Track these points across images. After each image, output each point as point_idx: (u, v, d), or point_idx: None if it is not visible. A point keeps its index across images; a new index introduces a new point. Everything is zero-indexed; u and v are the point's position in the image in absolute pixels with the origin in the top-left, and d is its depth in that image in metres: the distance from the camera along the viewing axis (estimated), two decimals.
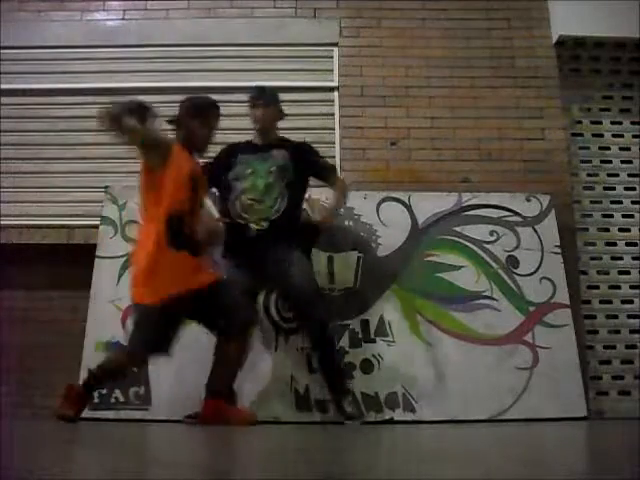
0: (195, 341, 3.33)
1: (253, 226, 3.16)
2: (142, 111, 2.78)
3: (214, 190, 3.37)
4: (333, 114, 4.25)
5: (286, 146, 3.34)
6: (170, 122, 3.03)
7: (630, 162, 4.29)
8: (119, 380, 3.08)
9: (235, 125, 4.18)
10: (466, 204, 3.80)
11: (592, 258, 4.14)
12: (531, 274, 3.66)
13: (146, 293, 2.78)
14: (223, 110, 4.18)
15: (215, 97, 4.27)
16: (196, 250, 2.88)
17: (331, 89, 4.31)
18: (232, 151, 3.37)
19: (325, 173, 3.38)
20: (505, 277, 3.65)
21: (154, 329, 2.79)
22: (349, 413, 3.07)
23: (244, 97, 4.20)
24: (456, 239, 3.72)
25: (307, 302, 3.14)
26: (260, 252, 3.13)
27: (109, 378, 2.94)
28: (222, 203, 3.32)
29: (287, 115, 3.46)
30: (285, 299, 3.39)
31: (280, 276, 3.15)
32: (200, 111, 3.02)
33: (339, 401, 3.11)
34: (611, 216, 4.21)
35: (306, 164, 3.32)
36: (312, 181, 3.43)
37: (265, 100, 3.34)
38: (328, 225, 3.27)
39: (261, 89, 3.43)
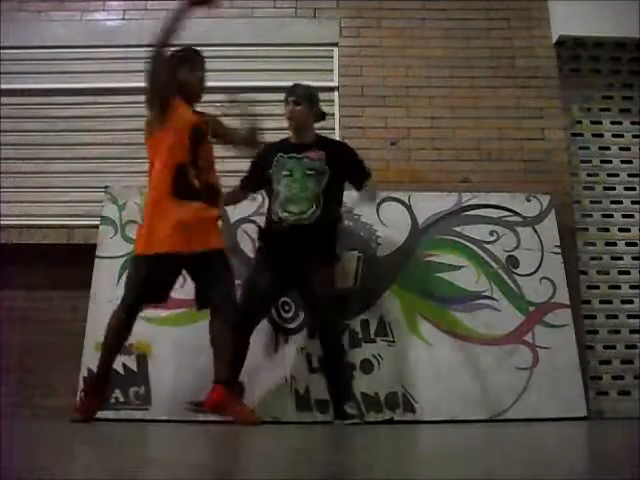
0: (195, 341, 3.34)
1: (288, 218, 3.10)
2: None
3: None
4: (333, 114, 4.25)
5: (324, 147, 3.25)
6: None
7: (630, 162, 4.29)
8: (123, 343, 2.96)
9: (235, 125, 4.19)
10: (466, 204, 3.80)
11: (592, 258, 4.14)
12: (531, 274, 3.66)
13: (143, 244, 2.85)
14: (224, 110, 4.23)
15: (215, 97, 4.30)
16: (205, 200, 2.90)
17: (331, 89, 4.30)
18: (269, 150, 3.30)
19: (358, 179, 3.30)
20: (505, 277, 3.65)
21: (145, 280, 2.83)
22: (349, 414, 3.05)
23: (243, 97, 4.21)
24: (456, 239, 3.72)
25: (326, 312, 3.12)
26: (290, 256, 3.10)
27: (114, 345, 2.89)
28: (269, 203, 3.29)
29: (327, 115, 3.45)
30: (306, 306, 3.37)
31: (303, 283, 3.14)
32: (185, 59, 3.06)
33: (341, 405, 3.07)
34: (611, 216, 4.21)
35: (343, 168, 3.22)
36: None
37: (296, 97, 3.25)
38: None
39: (293, 86, 3.33)
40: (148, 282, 2.85)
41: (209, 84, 4.22)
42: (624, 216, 4.21)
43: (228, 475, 1.20)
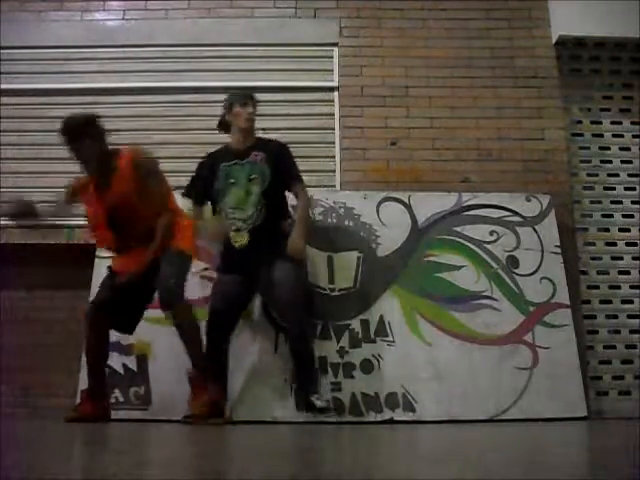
0: None
1: (234, 242, 3.17)
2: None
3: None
4: (333, 114, 4.25)
5: (264, 148, 3.27)
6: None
7: (630, 162, 4.29)
8: (100, 347, 3.05)
9: None
10: (466, 204, 3.80)
11: (592, 258, 4.13)
12: (531, 274, 3.66)
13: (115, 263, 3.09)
14: (222, 110, 4.23)
15: (215, 97, 4.31)
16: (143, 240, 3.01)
17: (331, 89, 4.30)
18: (214, 161, 3.32)
19: (290, 183, 3.27)
20: (505, 277, 3.65)
21: (110, 285, 3.01)
22: (318, 406, 3.05)
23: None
24: (456, 239, 3.72)
25: (286, 305, 3.12)
26: (245, 263, 3.15)
27: (92, 351, 3.02)
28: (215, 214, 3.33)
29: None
30: (269, 303, 3.38)
31: (263, 282, 3.18)
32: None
33: (307, 396, 3.09)
34: (611, 216, 4.21)
35: (279, 169, 3.24)
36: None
37: (254, 99, 3.32)
38: (299, 256, 3.15)
39: (248, 89, 3.42)
40: (117, 290, 2.97)
41: (209, 84, 4.27)
42: (624, 216, 4.21)
43: (226, 475, 1.20)
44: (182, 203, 3.34)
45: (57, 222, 4.02)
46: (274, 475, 1.20)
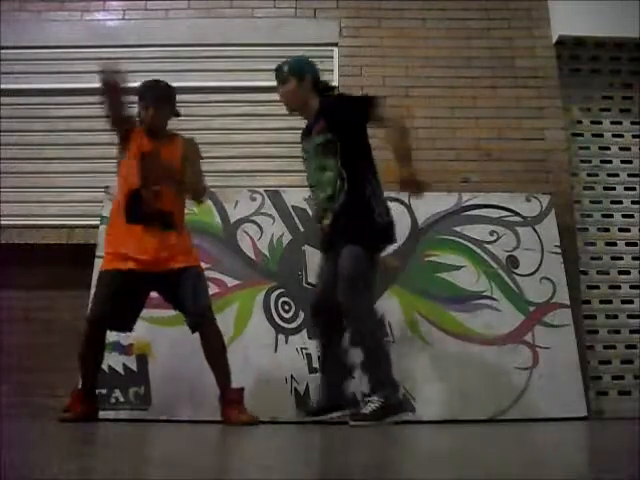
0: (195, 341, 3.34)
1: (324, 222, 2.91)
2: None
3: None
4: None
5: (322, 113, 2.89)
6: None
7: (630, 162, 4.29)
8: (96, 355, 2.93)
9: (235, 125, 4.21)
10: (466, 204, 3.80)
11: (592, 258, 4.14)
12: (531, 274, 3.66)
13: (105, 260, 2.95)
14: (222, 110, 4.24)
15: (215, 97, 4.31)
16: (159, 223, 2.92)
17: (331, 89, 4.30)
18: (301, 141, 3.09)
19: (364, 117, 2.82)
20: (505, 277, 3.65)
21: (107, 294, 2.85)
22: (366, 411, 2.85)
23: (243, 97, 4.21)
24: (456, 239, 3.72)
25: (344, 296, 2.77)
26: (327, 248, 2.96)
27: (88, 359, 2.92)
28: None
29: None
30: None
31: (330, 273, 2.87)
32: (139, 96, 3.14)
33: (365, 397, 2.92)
34: (611, 216, 4.21)
35: (341, 123, 2.80)
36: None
37: (279, 77, 3.03)
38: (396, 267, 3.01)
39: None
40: (115, 298, 2.85)
41: (209, 84, 4.27)
42: (624, 216, 4.21)
43: (227, 475, 1.20)
44: None
45: (57, 222, 4.05)
46: (273, 475, 1.20)
